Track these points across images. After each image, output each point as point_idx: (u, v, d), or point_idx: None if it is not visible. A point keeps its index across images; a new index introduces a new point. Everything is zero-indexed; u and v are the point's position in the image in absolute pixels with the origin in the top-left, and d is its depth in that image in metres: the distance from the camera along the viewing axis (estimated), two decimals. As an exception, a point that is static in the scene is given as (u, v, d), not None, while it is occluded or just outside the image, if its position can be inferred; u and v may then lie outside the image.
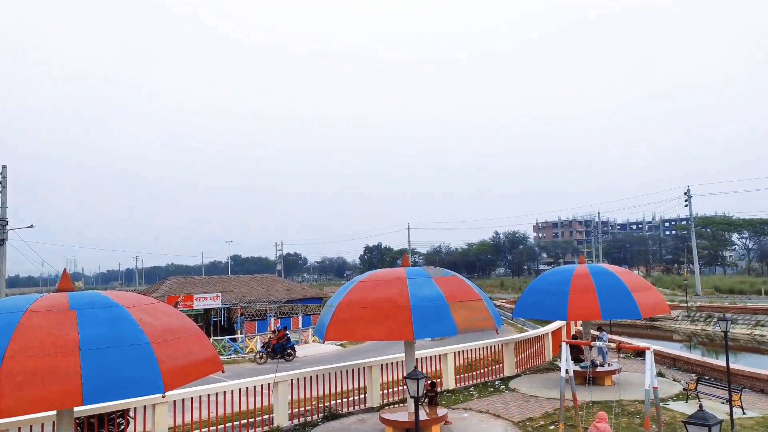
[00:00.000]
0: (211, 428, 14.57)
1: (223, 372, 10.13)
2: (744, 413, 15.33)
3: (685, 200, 65.79)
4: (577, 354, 20.16)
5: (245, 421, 14.87)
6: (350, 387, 17.05)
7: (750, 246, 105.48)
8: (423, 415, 14.33)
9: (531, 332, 24.83)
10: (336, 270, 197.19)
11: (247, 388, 15.11)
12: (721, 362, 19.38)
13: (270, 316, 38.28)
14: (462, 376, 19.79)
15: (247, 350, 34.45)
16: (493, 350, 21.16)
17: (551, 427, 14.45)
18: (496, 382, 20.07)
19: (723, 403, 15.18)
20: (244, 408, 15.10)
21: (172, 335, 8.79)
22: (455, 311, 13.15)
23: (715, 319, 45.60)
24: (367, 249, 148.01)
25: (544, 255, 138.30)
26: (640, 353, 23.66)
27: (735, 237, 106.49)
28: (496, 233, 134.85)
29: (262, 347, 32.59)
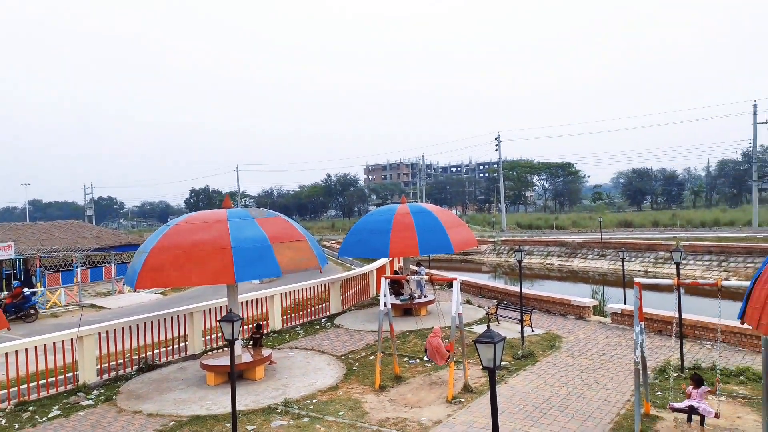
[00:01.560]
0: (1, 391, 12.92)
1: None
2: (533, 331, 17.67)
3: (496, 145, 72.40)
4: (398, 288, 21.44)
5: (44, 381, 13.41)
6: (170, 336, 16.22)
7: (547, 187, 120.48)
8: (248, 357, 14.19)
9: (356, 270, 25.77)
10: (159, 215, 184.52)
11: (45, 345, 13.54)
12: (517, 288, 22.03)
13: (76, 267, 34.60)
14: (289, 316, 19.95)
15: (48, 304, 30.97)
16: (320, 290, 21.58)
17: (371, 357, 15.29)
18: (323, 320, 20.61)
19: (517, 323, 17.30)
20: (42, 367, 13.58)
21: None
22: (279, 252, 12.97)
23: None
24: (194, 192, 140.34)
25: (374, 197, 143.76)
26: (451, 284, 25.94)
27: (535, 179, 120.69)
28: (328, 176, 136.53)
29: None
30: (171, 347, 16.25)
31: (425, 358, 14.00)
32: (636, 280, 10.59)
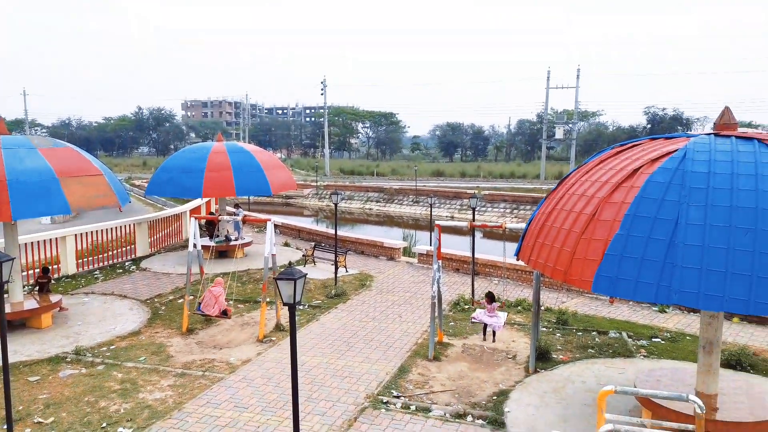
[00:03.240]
0: None
1: None
2: (347, 271, 18.36)
3: (321, 90, 72.09)
4: (213, 230, 20.62)
5: None
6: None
7: (370, 135, 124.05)
8: (32, 304, 12.64)
9: (168, 211, 24.17)
10: None
11: None
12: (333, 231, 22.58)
13: None
14: (87, 259, 18.11)
15: None
16: (124, 231, 19.86)
17: (179, 301, 14.61)
18: (127, 263, 19.10)
19: (332, 264, 17.80)
20: None
21: None
22: (68, 187, 11.52)
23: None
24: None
25: (193, 135, 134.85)
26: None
27: (360, 127, 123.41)
28: (140, 108, 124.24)
29: None
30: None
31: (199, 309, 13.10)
32: (436, 222, 11.45)
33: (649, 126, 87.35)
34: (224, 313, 12.21)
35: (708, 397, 8.07)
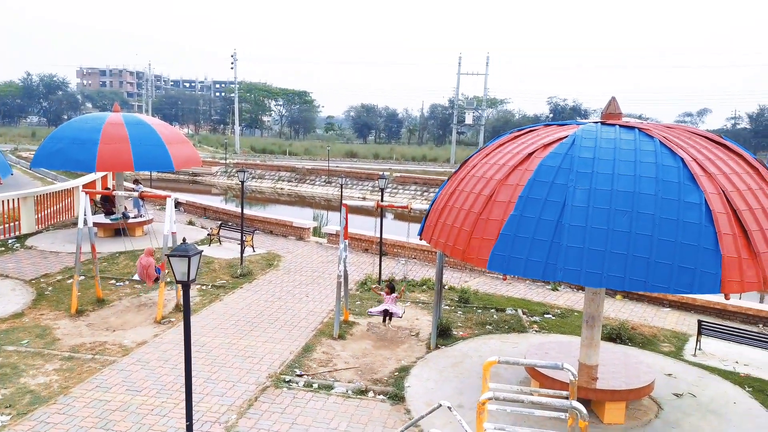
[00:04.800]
0: None
1: None
2: (254, 251, 17.98)
3: (231, 63, 69.44)
4: (109, 207, 19.41)
5: None
6: None
7: (284, 113, 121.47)
8: None
9: (57, 185, 22.43)
10: None
11: None
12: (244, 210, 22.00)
13: None
14: (-39, 236, 16.47)
15: None
16: (6, 206, 18.21)
17: (69, 281, 13.67)
18: (10, 241, 17.57)
19: (239, 243, 17.36)
20: None
21: None
22: (-65, 156, 10.35)
23: (246, 175, 51.49)
24: None
25: (89, 105, 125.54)
26: (175, 205, 24.59)
27: (273, 104, 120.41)
28: (28, 74, 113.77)
29: None
30: None
31: (135, 278, 13.10)
32: (343, 202, 11.45)
33: (551, 115, 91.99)
34: (156, 281, 12.21)
35: (589, 367, 8.73)
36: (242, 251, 16.28)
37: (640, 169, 6.63)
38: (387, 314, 11.64)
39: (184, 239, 5.89)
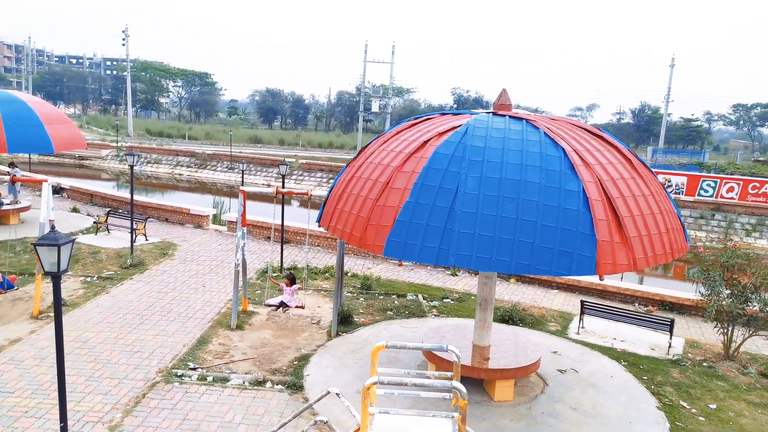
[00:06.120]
0: None
1: None
2: (147, 240, 17.01)
3: (123, 40, 64.95)
4: (-22, 193, 17.56)
5: None
6: None
7: (183, 95, 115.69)
8: None
9: None
10: None
11: None
12: (137, 197, 20.73)
13: None
14: None
15: None
16: None
17: (-73, 276, 12.22)
18: None
19: (129, 232, 16.34)
20: None
21: None
22: None
23: (141, 160, 48.77)
24: None
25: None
26: (56, 191, 22.75)
27: (171, 85, 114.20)
28: None
29: None
30: None
31: None
32: (241, 188, 11.09)
33: (455, 105, 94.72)
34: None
35: (482, 348, 9.10)
36: (133, 240, 15.35)
37: (526, 158, 6.94)
38: (283, 305, 11.48)
39: (53, 226, 5.40)
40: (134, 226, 15.60)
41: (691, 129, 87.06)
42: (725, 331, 10.64)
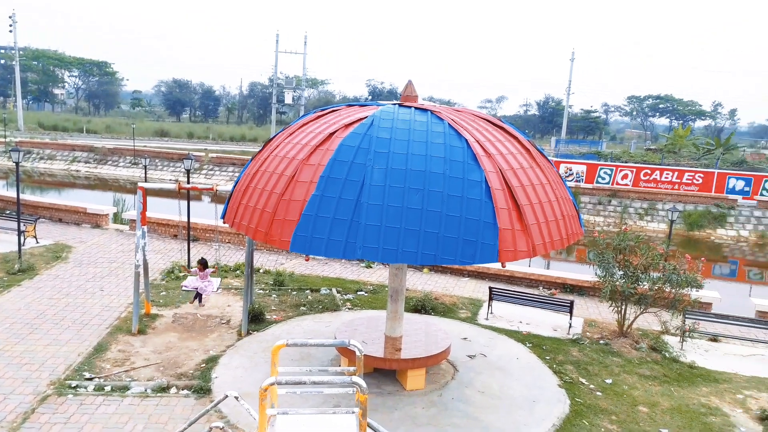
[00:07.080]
0: None
1: None
2: (38, 242, 15.73)
3: (10, 26, 59.56)
4: None
5: None
6: None
7: (80, 86, 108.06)
8: None
9: None
10: None
11: None
12: (23, 195, 19.10)
13: None
14: None
15: None
16: None
17: None
18: None
19: (17, 234, 15.02)
20: None
21: None
22: None
23: (33, 156, 45.20)
24: None
25: None
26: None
27: (67, 75, 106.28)
28: None
29: None
30: None
31: None
32: (140, 184, 10.47)
33: (370, 97, 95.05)
34: None
35: (394, 339, 9.16)
36: (20, 243, 14.12)
37: (431, 149, 6.99)
38: (198, 295, 11.18)
39: None
40: (22, 228, 14.34)
41: (590, 120, 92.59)
42: (619, 309, 11.37)
